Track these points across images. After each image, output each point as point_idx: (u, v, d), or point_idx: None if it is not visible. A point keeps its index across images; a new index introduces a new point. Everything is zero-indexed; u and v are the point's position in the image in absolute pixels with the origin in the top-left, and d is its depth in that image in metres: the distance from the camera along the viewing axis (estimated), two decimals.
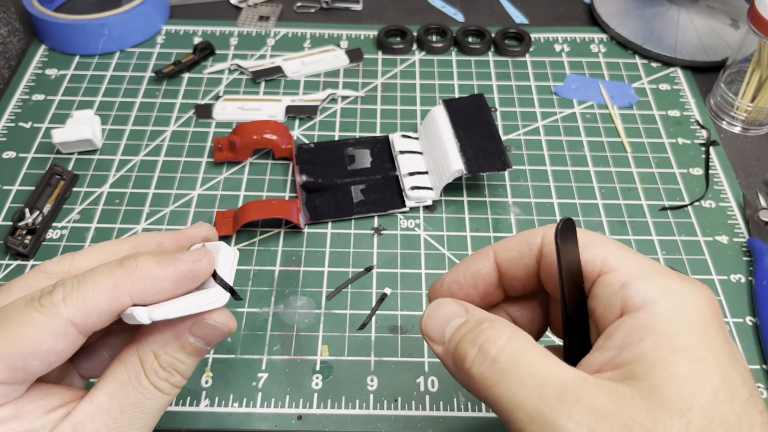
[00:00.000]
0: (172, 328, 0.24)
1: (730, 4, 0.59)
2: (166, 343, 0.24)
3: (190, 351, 0.25)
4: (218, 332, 0.25)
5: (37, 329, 0.22)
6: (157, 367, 0.24)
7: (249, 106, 0.51)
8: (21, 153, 0.47)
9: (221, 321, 0.25)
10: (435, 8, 0.62)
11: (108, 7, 0.55)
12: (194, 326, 0.24)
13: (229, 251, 0.26)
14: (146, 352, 0.24)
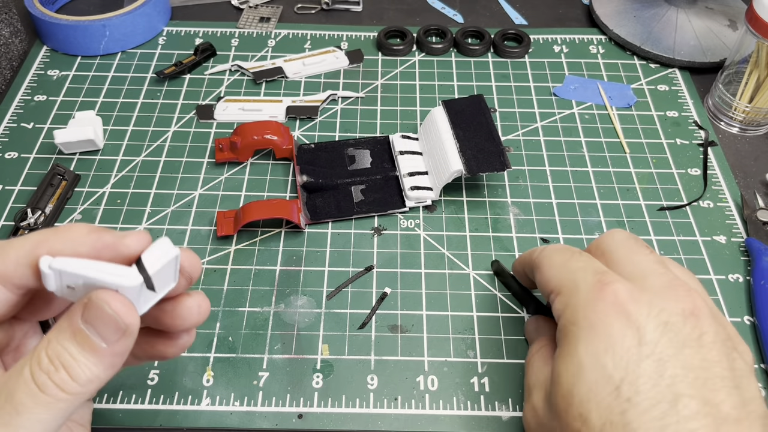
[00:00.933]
0: (69, 314, 0.22)
1: (728, 5, 0.60)
2: (60, 330, 0.21)
3: (81, 341, 0.21)
4: (111, 322, 0.21)
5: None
6: (43, 356, 0.21)
7: (250, 106, 0.51)
8: (23, 153, 0.47)
9: (117, 310, 0.21)
10: (435, 10, 0.62)
11: (109, 8, 0.55)
12: (86, 308, 0.21)
13: (169, 247, 0.23)
14: (43, 340, 0.21)
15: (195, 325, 0.26)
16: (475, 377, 0.36)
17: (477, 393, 0.35)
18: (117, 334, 0.21)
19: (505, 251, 0.42)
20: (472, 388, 0.35)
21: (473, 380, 0.36)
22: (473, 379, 0.36)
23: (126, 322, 0.21)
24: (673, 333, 0.26)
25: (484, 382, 0.36)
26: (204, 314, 0.26)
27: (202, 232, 0.43)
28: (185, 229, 0.43)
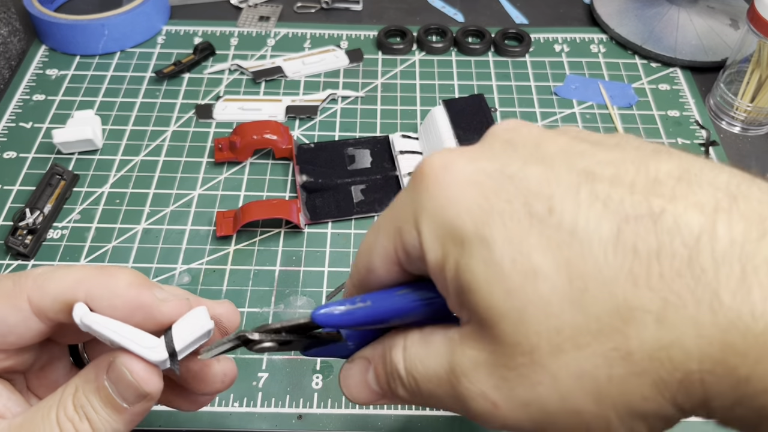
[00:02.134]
0: (96, 366, 0.22)
1: (729, 4, 0.59)
2: (87, 380, 0.22)
3: (104, 397, 0.21)
4: (130, 387, 0.21)
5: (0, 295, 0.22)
6: (69, 403, 0.21)
7: (249, 106, 0.51)
8: (22, 153, 0.47)
9: (139, 378, 0.21)
10: (435, 9, 0.62)
11: (108, 7, 0.55)
12: (110, 369, 0.21)
13: (204, 320, 0.22)
14: (71, 384, 0.22)
15: (216, 392, 0.26)
16: None
17: None
18: (138, 398, 0.22)
19: None
20: None
21: None
22: None
23: (147, 391, 0.21)
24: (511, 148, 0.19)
25: None
26: (228, 385, 0.26)
27: (201, 232, 0.42)
28: (184, 229, 0.43)
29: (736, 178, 0.16)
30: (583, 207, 0.16)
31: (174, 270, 0.40)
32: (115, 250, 0.41)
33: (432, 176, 0.19)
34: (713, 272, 0.15)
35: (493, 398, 0.17)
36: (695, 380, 0.15)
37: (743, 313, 0.14)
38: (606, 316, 0.15)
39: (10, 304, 0.22)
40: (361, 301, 0.21)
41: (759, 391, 0.14)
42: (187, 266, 0.41)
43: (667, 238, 0.15)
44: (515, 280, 0.16)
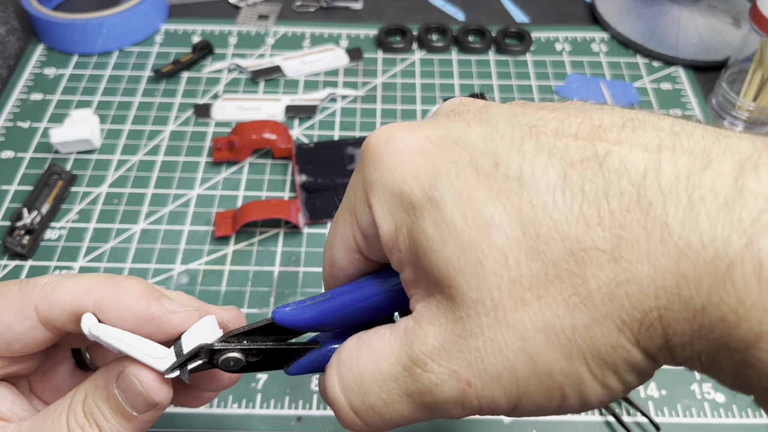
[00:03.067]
0: (106, 373, 0.22)
1: (731, 3, 0.59)
2: (97, 387, 0.22)
3: (113, 405, 0.21)
4: (139, 396, 0.21)
5: (7, 300, 0.22)
6: (79, 409, 0.22)
7: (248, 105, 0.50)
8: (19, 153, 0.47)
9: (149, 388, 0.21)
10: (435, 7, 0.61)
11: (107, 6, 0.55)
12: (120, 378, 0.21)
13: (213, 330, 0.22)
14: (80, 390, 0.22)
15: (223, 389, 0.26)
16: None
17: None
18: (148, 408, 0.22)
19: None
20: None
21: None
22: None
23: (157, 401, 0.22)
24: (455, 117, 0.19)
25: None
26: (236, 381, 0.26)
27: (199, 233, 0.42)
28: (183, 229, 0.42)
29: (680, 121, 0.17)
30: (528, 157, 0.16)
31: (172, 271, 0.40)
32: (113, 250, 0.41)
33: (376, 150, 0.19)
34: (661, 205, 0.15)
35: (465, 376, 0.17)
36: (654, 318, 0.15)
37: (692, 241, 0.14)
38: (561, 260, 0.15)
39: (16, 312, 0.22)
40: (322, 296, 0.20)
41: (714, 322, 0.14)
42: (185, 267, 0.40)
43: (614, 178, 0.15)
44: (468, 234, 0.16)
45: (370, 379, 0.18)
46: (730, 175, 0.14)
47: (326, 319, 0.20)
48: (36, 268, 0.40)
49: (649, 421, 0.33)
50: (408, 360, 0.17)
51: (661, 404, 0.34)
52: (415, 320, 0.18)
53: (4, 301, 0.22)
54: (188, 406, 0.27)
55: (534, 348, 0.16)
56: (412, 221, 0.17)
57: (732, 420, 0.34)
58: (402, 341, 0.18)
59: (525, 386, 0.16)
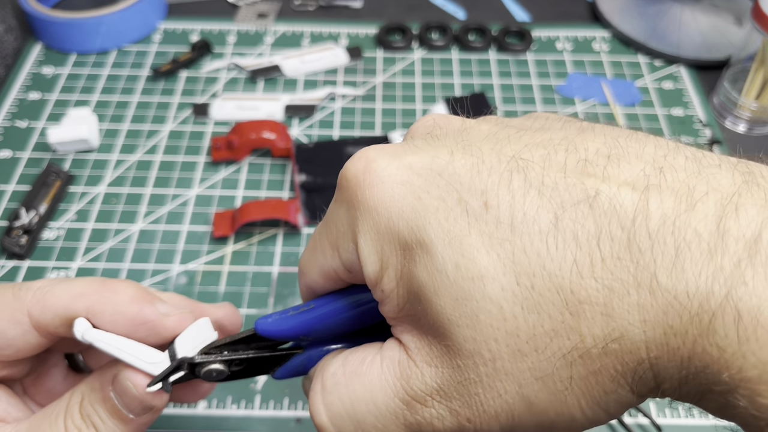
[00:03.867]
0: (101, 376, 0.22)
1: (733, 1, 0.59)
2: (93, 390, 0.22)
3: (109, 408, 0.22)
4: (134, 400, 0.21)
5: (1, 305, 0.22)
6: (76, 411, 0.22)
7: (247, 104, 0.50)
8: (17, 152, 0.47)
9: (143, 391, 0.21)
10: (435, 5, 0.61)
11: (105, 4, 0.54)
12: (115, 382, 0.21)
13: (207, 332, 0.22)
14: (77, 392, 0.22)
15: (205, 396, 0.26)
16: None
17: None
18: (143, 411, 0.22)
19: None
20: None
21: None
22: None
23: (152, 405, 0.22)
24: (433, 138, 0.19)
25: None
26: (213, 388, 0.26)
27: (198, 233, 0.42)
28: (181, 229, 0.42)
29: (662, 148, 0.16)
30: (518, 198, 0.16)
31: (171, 271, 0.40)
32: (111, 250, 0.41)
33: (356, 182, 0.18)
34: (650, 252, 0.14)
35: (465, 414, 0.17)
36: (646, 368, 0.15)
37: (679, 292, 0.14)
38: (557, 312, 0.15)
39: (9, 317, 0.22)
40: (305, 306, 0.20)
41: (699, 369, 0.14)
42: (184, 267, 0.40)
43: (605, 221, 0.15)
44: (462, 286, 0.16)
45: (364, 410, 0.18)
46: (712, 217, 0.14)
47: (309, 330, 0.20)
48: (34, 268, 0.40)
49: (650, 422, 0.33)
50: (406, 395, 0.17)
51: (663, 405, 0.34)
52: (408, 355, 0.18)
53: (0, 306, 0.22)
54: (185, 401, 0.27)
55: (532, 394, 0.16)
56: (402, 264, 0.17)
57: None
58: (396, 374, 0.18)
59: (520, 421, 0.17)
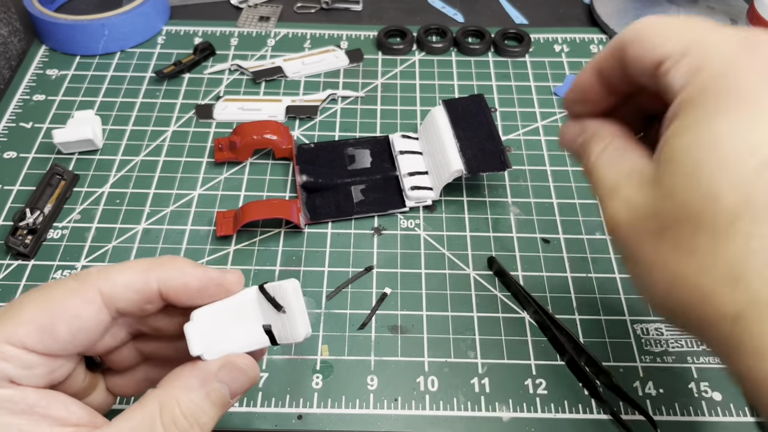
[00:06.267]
0: (198, 373, 0.24)
1: (729, 4, 0.60)
2: (190, 389, 0.23)
3: (214, 399, 0.23)
4: (244, 378, 0.24)
5: (66, 293, 0.23)
6: (177, 414, 0.23)
7: (249, 106, 0.51)
8: (22, 153, 0.47)
9: (248, 364, 0.24)
10: (435, 9, 0.62)
11: (109, 7, 0.55)
12: (222, 370, 0.24)
13: (294, 296, 0.25)
14: (168, 397, 0.23)
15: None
16: (475, 378, 0.36)
17: (477, 394, 0.35)
18: (247, 385, 0.24)
19: (505, 251, 0.42)
20: (473, 389, 0.35)
21: (473, 381, 0.36)
22: (473, 380, 0.36)
23: (256, 376, 0.25)
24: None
25: (484, 383, 0.35)
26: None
27: (201, 232, 0.42)
28: (184, 229, 0.43)
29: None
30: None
31: None
32: (115, 250, 0.41)
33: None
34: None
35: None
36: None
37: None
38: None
39: (81, 299, 0.23)
40: None
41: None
42: None
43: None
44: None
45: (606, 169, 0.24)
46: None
47: None
48: (39, 267, 0.40)
49: (646, 419, 0.34)
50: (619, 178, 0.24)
51: (659, 402, 0.35)
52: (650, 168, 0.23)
53: (67, 292, 0.23)
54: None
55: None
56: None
57: (729, 418, 0.34)
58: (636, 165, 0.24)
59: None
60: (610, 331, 0.38)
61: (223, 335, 0.25)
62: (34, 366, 0.22)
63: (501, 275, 0.40)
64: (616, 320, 0.38)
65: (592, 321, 0.38)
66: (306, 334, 0.25)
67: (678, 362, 0.36)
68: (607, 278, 0.40)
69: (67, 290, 0.23)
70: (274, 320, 0.25)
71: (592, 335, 0.38)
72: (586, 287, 0.40)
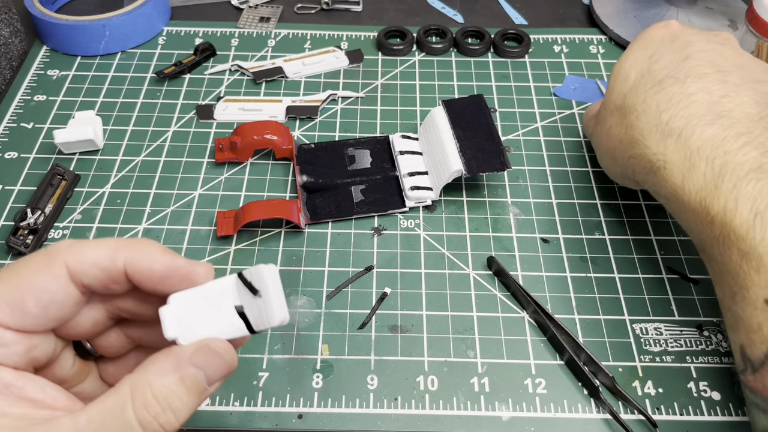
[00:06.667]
0: (172, 357, 0.23)
1: (728, 5, 0.60)
2: (163, 374, 0.22)
3: (189, 384, 0.23)
4: (220, 362, 0.24)
5: (33, 268, 0.23)
6: (149, 398, 0.22)
7: (250, 106, 0.51)
8: (23, 153, 0.47)
9: (224, 348, 0.24)
10: (435, 9, 0.62)
11: (109, 8, 0.55)
12: (196, 354, 0.23)
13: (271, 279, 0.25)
14: (141, 381, 0.22)
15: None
16: (475, 377, 0.36)
17: (477, 393, 0.35)
18: (223, 372, 0.24)
19: (505, 251, 0.42)
20: (472, 389, 0.35)
21: (473, 380, 0.36)
22: (473, 379, 0.36)
23: (233, 362, 0.24)
24: (702, 35, 0.37)
25: (484, 383, 0.36)
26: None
27: (201, 232, 0.43)
28: (185, 229, 0.43)
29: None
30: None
31: None
32: None
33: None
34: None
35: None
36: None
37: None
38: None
39: (48, 272, 0.23)
40: None
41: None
42: None
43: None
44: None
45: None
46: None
47: None
48: None
49: (646, 419, 0.34)
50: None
51: (658, 402, 0.35)
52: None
53: (34, 267, 0.23)
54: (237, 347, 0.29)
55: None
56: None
57: (728, 418, 0.34)
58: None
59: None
60: (609, 330, 0.38)
61: (199, 321, 0.24)
62: (10, 344, 0.22)
63: (500, 275, 0.40)
64: (616, 320, 0.38)
65: (592, 321, 0.38)
66: (282, 319, 0.24)
67: (677, 362, 0.36)
68: (607, 278, 0.40)
69: (34, 265, 0.23)
70: (252, 306, 0.25)
71: (591, 335, 0.38)
72: (586, 287, 0.40)
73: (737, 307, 0.29)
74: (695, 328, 0.38)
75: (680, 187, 0.32)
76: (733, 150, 0.30)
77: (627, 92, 0.37)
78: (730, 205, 0.29)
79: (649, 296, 0.39)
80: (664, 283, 0.40)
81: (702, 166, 0.31)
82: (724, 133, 0.31)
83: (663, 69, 0.35)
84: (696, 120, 0.32)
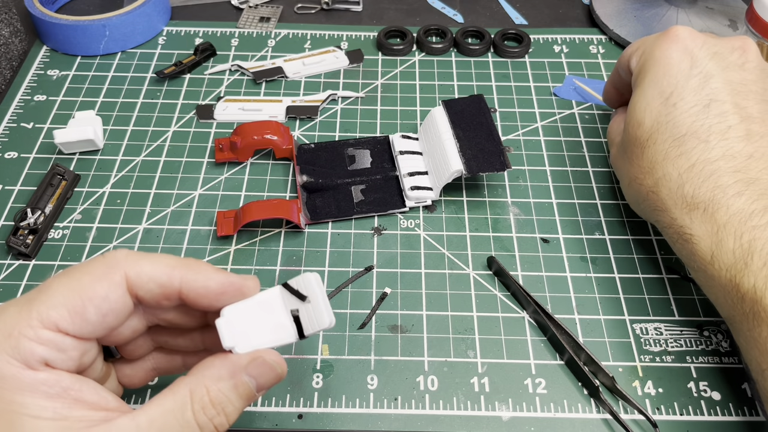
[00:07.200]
0: (228, 365, 0.25)
1: (728, 5, 0.60)
2: (220, 379, 0.24)
3: (242, 391, 0.25)
4: (272, 373, 0.25)
5: (94, 276, 0.24)
6: (206, 402, 0.24)
7: (250, 106, 0.51)
8: (23, 153, 0.47)
9: (276, 360, 0.26)
10: (435, 9, 0.62)
11: (109, 8, 0.55)
12: (251, 364, 0.25)
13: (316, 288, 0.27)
14: (199, 385, 0.24)
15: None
16: (475, 377, 0.36)
17: (477, 393, 0.35)
18: (273, 381, 0.26)
19: (505, 251, 0.42)
20: (472, 389, 0.35)
21: (473, 380, 0.36)
22: (473, 379, 0.36)
23: (283, 372, 0.26)
24: (720, 58, 0.34)
25: (484, 383, 0.36)
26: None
27: (201, 232, 0.43)
28: (185, 229, 0.43)
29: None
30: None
31: None
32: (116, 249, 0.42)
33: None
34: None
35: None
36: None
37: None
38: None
39: (108, 281, 0.24)
40: None
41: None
42: None
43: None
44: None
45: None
46: None
47: None
48: (40, 267, 0.41)
49: (646, 419, 0.34)
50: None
51: (658, 402, 0.35)
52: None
53: (95, 274, 0.24)
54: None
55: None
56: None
57: (728, 418, 0.34)
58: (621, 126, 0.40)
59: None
60: (609, 330, 0.38)
61: (251, 330, 0.26)
62: (68, 349, 0.23)
63: (500, 275, 0.40)
64: (616, 320, 0.38)
65: (592, 321, 0.38)
66: (330, 321, 0.26)
67: (677, 362, 0.36)
68: (607, 278, 0.40)
69: (95, 273, 0.24)
70: (300, 313, 0.26)
71: (591, 335, 0.38)
72: (586, 287, 0.40)
73: (767, 383, 0.29)
74: (695, 328, 0.38)
75: (710, 262, 0.31)
76: (762, 225, 0.30)
77: (646, 141, 0.35)
78: (760, 284, 0.29)
79: (649, 296, 0.39)
80: (664, 283, 0.40)
81: (731, 242, 0.30)
82: (752, 207, 0.30)
83: (684, 119, 0.33)
84: (721, 193, 0.31)
